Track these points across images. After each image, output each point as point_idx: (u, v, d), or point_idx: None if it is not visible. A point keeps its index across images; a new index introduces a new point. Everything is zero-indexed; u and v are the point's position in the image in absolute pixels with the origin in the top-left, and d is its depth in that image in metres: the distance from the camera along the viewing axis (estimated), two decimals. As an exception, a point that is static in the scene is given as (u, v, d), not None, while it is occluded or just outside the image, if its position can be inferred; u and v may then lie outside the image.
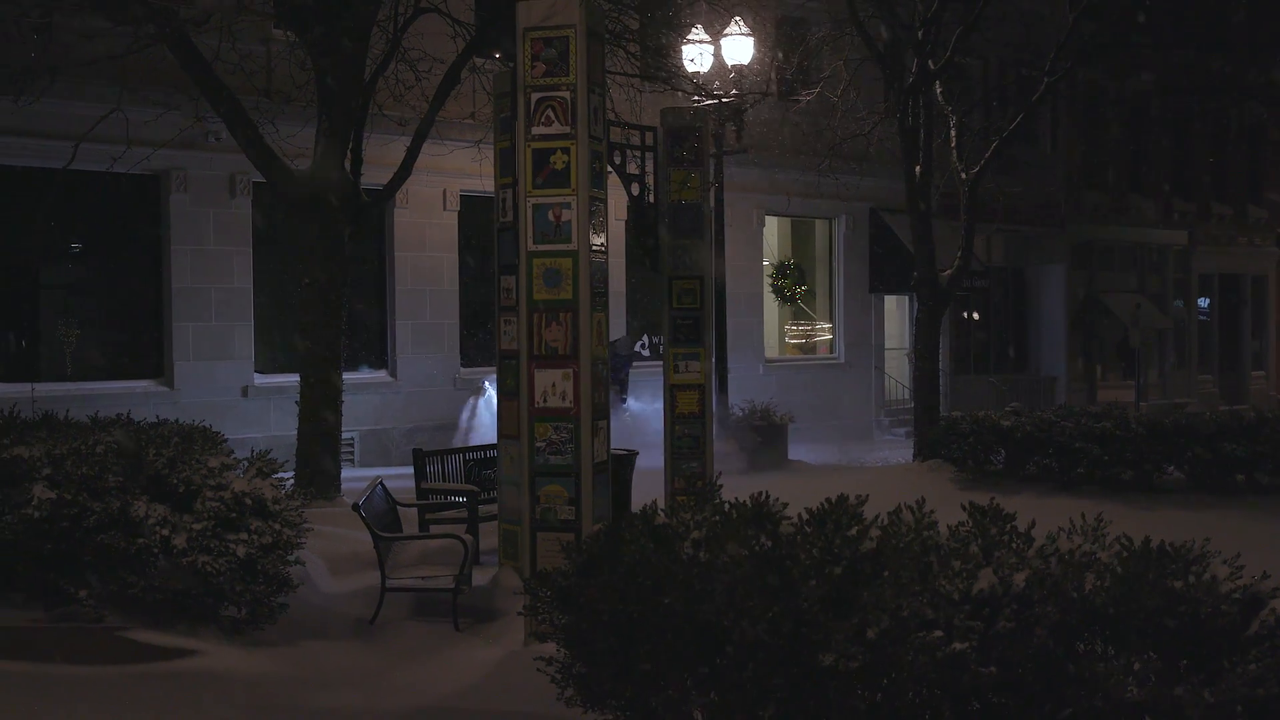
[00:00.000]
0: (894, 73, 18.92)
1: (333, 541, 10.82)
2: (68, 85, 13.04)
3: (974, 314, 29.14)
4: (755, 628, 4.94)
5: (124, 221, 16.97)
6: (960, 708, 4.53)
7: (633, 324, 21.72)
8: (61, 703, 7.35)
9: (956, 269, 18.99)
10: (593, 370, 9.05)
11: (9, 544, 8.44)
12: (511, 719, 7.07)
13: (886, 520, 5.11)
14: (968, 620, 4.55)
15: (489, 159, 11.07)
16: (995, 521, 5.01)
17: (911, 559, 4.79)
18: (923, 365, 19.09)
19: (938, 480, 15.22)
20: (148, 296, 17.21)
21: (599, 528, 6.22)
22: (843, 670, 4.69)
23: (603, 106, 9.49)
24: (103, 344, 16.98)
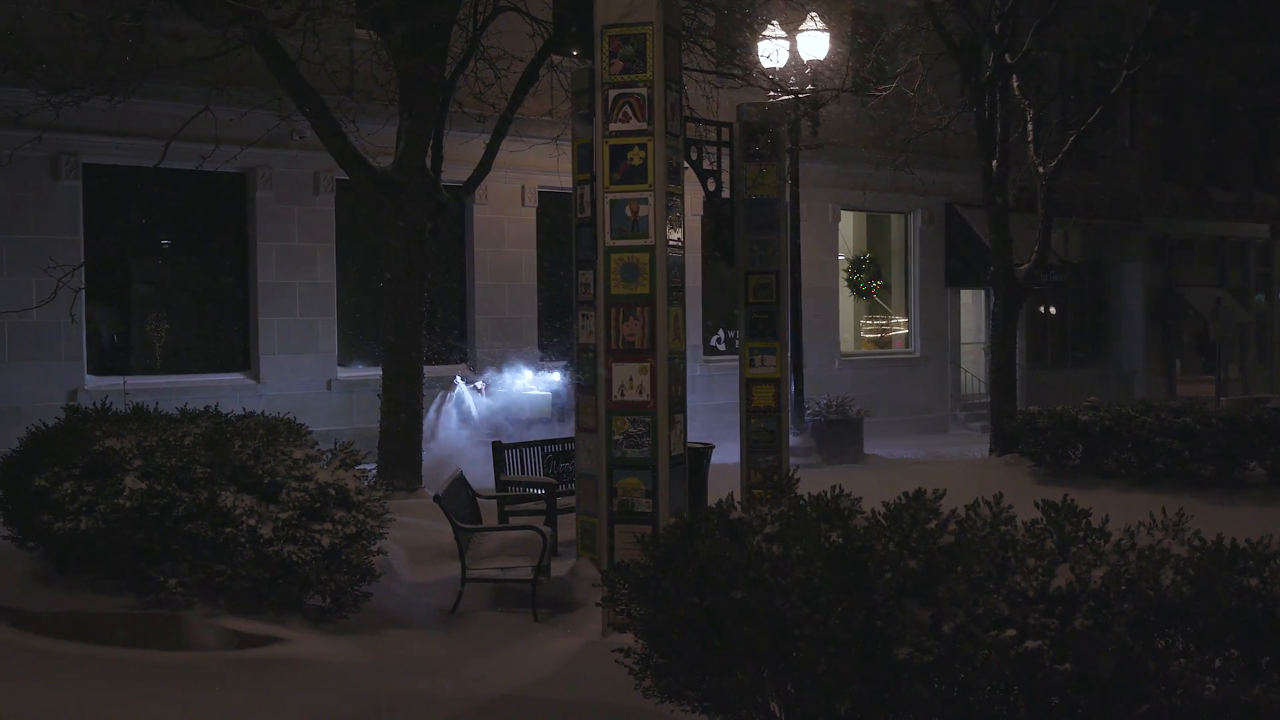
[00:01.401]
0: (970, 67, 18.81)
1: (414, 532, 11.01)
2: (159, 86, 13.35)
3: (1051, 308, 28.84)
4: (828, 621, 4.99)
5: (212, 218, 17.36)
6: (1036, 704, 4.55)
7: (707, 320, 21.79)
8: (154, 687, 7.59)
9: (1033, 263, 18.84)
10: (670, 364, 9.14)
11: (102, 533, 8.71)
12: (590, 709, 7.17)
13: (963, 515, 5.14)
14: (1043, 618, 4.57)
15: (567, 155, 11.18)
16: (1070, 518, 5.02)
17: (988, 554, 4.82)
18: (999, 360, 18.97)
19: (1014, 475, 15.13)
20: (234, 292, 17.59)
21: (675, 520, 6.29)
22: (917, 664, 4.73)
23: (679, 103, 9.56)
24: (191, 338, 17.37)
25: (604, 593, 6.45)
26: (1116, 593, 4.55)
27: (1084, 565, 4.67)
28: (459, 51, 14.93)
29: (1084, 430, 15.26)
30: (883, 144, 21.27)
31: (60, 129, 13.26)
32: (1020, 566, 4.73)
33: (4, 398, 15.25)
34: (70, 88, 12.52)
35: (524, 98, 15.05)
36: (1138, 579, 4.57)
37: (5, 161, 14.65)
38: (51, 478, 8.99)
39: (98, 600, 8.83)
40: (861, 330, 25.78)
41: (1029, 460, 15.78)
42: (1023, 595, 4.62)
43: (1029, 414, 16.47)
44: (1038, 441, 15.68)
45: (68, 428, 9.70)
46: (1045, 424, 15.66)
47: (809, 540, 5.26)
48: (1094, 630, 4.49)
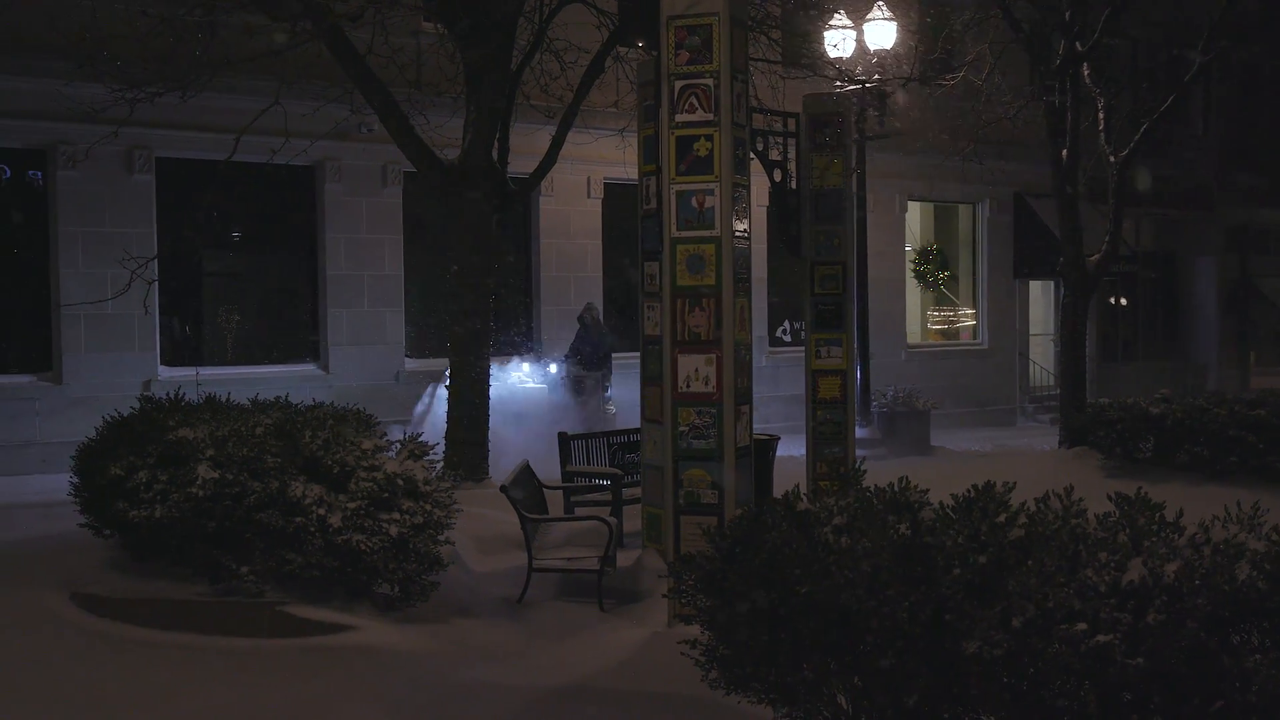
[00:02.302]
0: (1040, 55, 18.57)
1: (481, 522, 11.07)
2: (230, 81, 13.53)
3: (1122, 299, 28.46)
4: (895, 614, 4.97)
5: (281, 211, 17.58)
6: (1107, 699, 4.51)
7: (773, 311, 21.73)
8: (227, 673, 7.71)
9: (1104, 254, 18.58)
10: (735, 355, 9.13)
11: (176, 521, 8.84)
12: (656, 699, 7.19)
13: (1034, 508, 5.09)
14: (1115, 612, 4.52)
15: (632, 147, 11.19)
16: (1144, 511, 4.95)
17: (1058, 548, 4.77)
18: (1068, 351, 18.74)
19: (1084, 468, 14.96)
20: (304, 283, 17.81)
21: (741, 512, 6.29)
22: (986, 658, 4.70)
23: (745, 93, 9.54)
24: (261, 329, 17.60)
25: (670, 584, 6.47)
26: (1190, 587, 4.49)
27: (1157, 559, 4.61)
28: (525, 44, 14.99)
29: (1155, 423, 15.05)
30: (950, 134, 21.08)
31: (134, 124, 13.47)
32: (1092, 560, 4.69)
33: (80, 388, 15.55)
34: (144, 84, 12.71)
35: (589, 90, 15.08)
36: (1212, 573, 4.51)
37: (82, 157, 14.95)
38: (127, 467, 9.15)
39: (172, 587, 8.98)
40: (928, 321, 25.60)
41: (1098, 453, 15.59)
42: (1094, 589, 4.58)
43: (1099, 406, 16.26)
44: (1108, 434, 15.48)
45: (142, 418, 9.86)
46: (1116, 416, 15.46)
47: (877, 533, 5.24)
48: (1167, 625, 4.43)
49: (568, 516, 11.15)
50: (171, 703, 7.15)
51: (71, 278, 15.71)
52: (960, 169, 21.67)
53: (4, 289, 15.83)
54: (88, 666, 7.79)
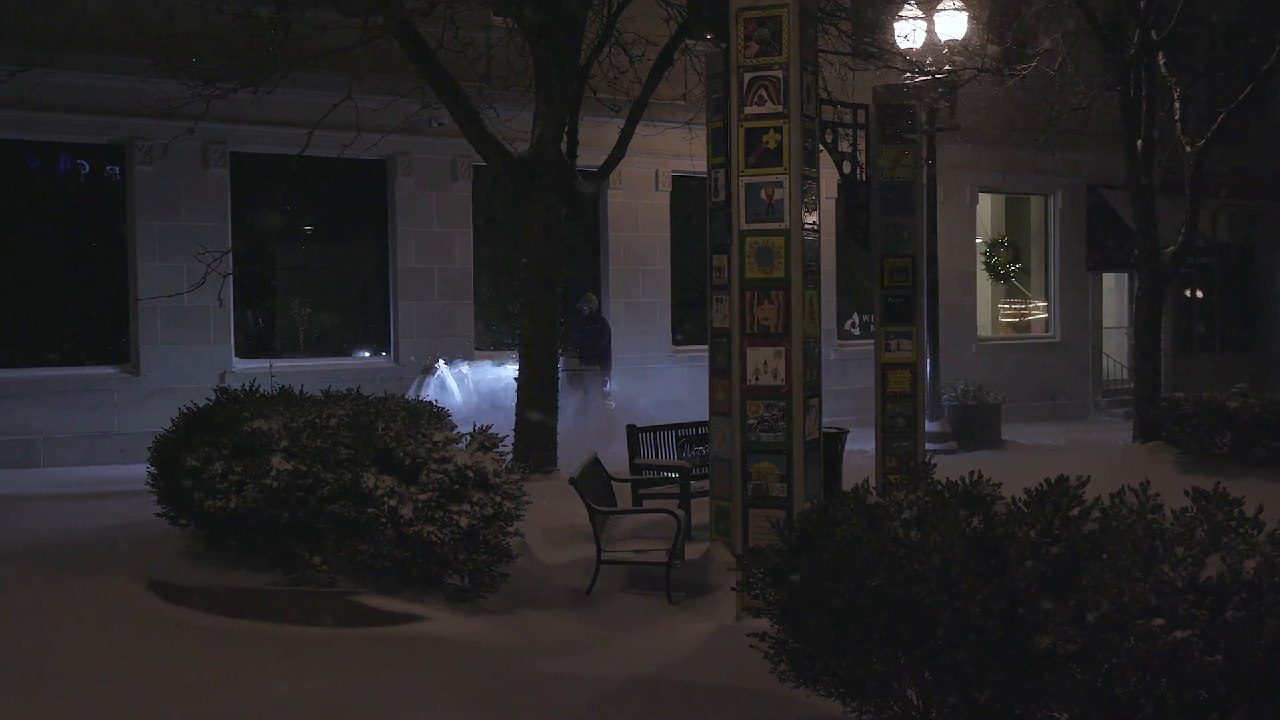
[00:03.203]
0: (1114, 44, 18.30)
1: (549, 514, 11.11)
2: (302, 76, 13.68)
3: (1198, 292, 27.98)
4: (968, 608, 4.94)
5: (353, 205, 17.75)
6: (1184, 696, 4.45)
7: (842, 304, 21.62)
8: (303, 662, 7.82)
9: (1180, 246, 18.30)
10: (805, 348, 9.10)
11: (250, 511, 8.98)
12: (725, 692, 7.19)
13: (1108, 502, 5.03)
14: (1193, 608, 4.47)
15: (701, 139, 11.18)
16: (1222, 507, 4.88)
17: (1134, 543, 4.72)
18: (1143, 345, 18.48)
19: (1159, 463, 14.76)
20: (375, 277, 17.98)
21: (810, 505, 6.27)
22: (1060, 654, 4.66)
23: (815, 85, 9.49)
24: (333, 322, 17.80)
25: (738, 577, 6.47)
26: (1271, 584, 4.43)
27: (1236, 555, 4.55)
28: (594, 37, 15.02)
29: (1232, 417, 14.81)
30: (1022, 125, 20.85)
31: (210, 120, 13.66)
32: (1168, 555, 4.63)
33: (157, 379, 15.82)
34: (219, 80, 12.89)
35: (658, 83, 15.08)
36: (1294, 569, 4.44)
37: (160, 152, 15.20)
38: (202, 457, 9.30)
39: (246, 576, 9.12)
40: (999, 314, 25.36)
41: (1173, 448, 15.37)
42: (1171, 585, 4.52)
43: (1174, 400, 16.04)
44: (1183, 429, 15.27)
45: (218, 409, 10.00)
46: (1191, 411, 15.23)
47: (948, 526, 5.21)
48: (1246, 622, 4.37)
49: (636, 509, 11.17)
50: (246, 690, 7.26)
51: (149, 271, 15.98)
52: (1032, 160, 21.47)
53: (84, 282, 16.13)
54: (165, 653, 7.92)
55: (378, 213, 17.87)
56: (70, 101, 15.16)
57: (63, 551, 10.20)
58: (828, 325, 20.58)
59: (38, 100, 13.93)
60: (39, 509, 12.38)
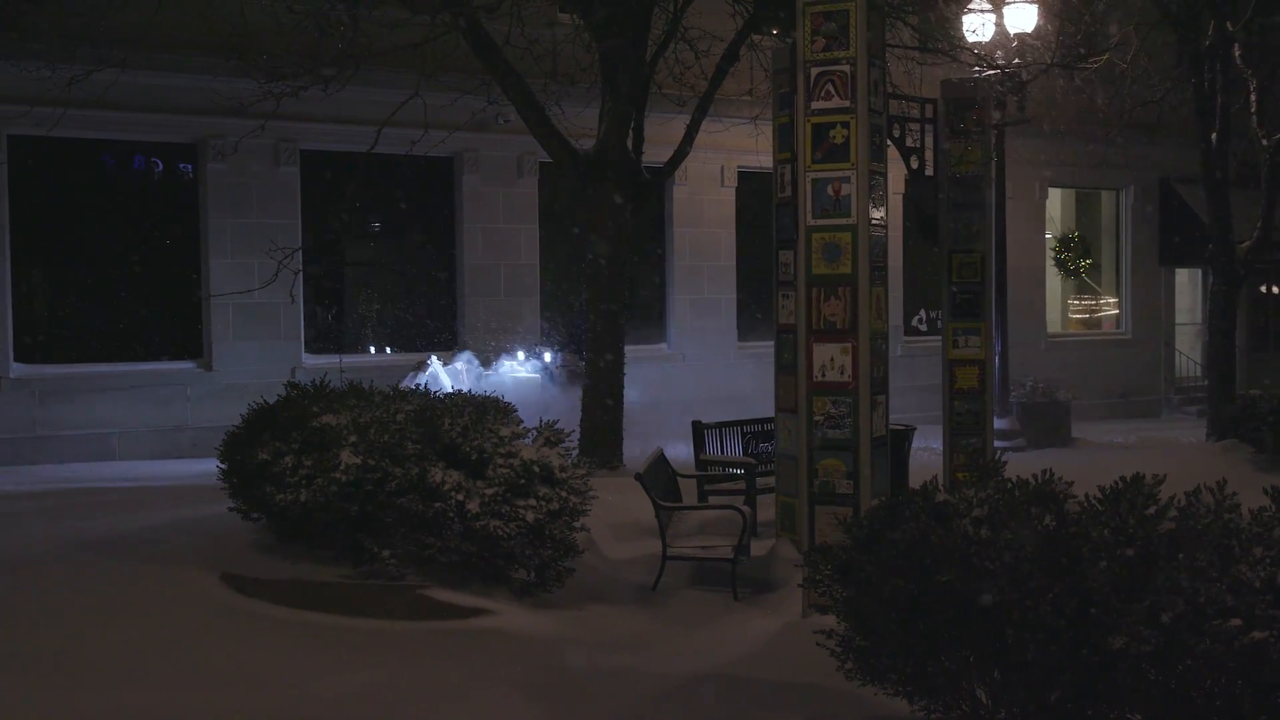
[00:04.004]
0: (1188, 36, 18.02)
1: (615, 510, 11.13)
2: (371, 74, 13.79)
3: (1274, 287, 27.49)
4: (1038, 608, 4.89)
5: (420, 202, 17.90)
6: (1263, 698, 4.38)
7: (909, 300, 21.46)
8: (369, 654, 7.88)
9: (1255, 241, 17.99)
10: (872, 345, 9.04)
11: (320, 505, 9.06)
12: (791, 689, 7.16)
13: (1184, 501, 4.96)
14: (1271, 609, 4.40)
15: (766, 135, 11.14)
16: (1301, 507, 4.80)
17: (1210, 543, 4.65)
18: (1218, 341, 18.19)
19: (1234, 462, 14.50)
20: (442, 273, 18.10)
21: (877, 502, 6.24)
22: (1133, 654, 4.60)
23: (883, 80, 9.43)
24: (401, 317, 17.93)
25: (805, 574, 6.45)
26: (1351, 585, 4.34)
27: (1315, 556, 4.47)
28: (659, 33, 15.02)
29: (1310, 416, 14.54)
30: (1094, 118, 20.58)
31: (280, 118, 13.82)
32: (1246, 556, 4.56)
33: (229, 375, 16.04)
34: (289, 78, 13.03)
35: (724, 78, 15.05)
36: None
37: (231, 150, 15.39)
38: (273, 452, 9.39)
39: (316, 569, 9.20)
40: (1069, 310, 25.08)
41: (1249, 446, 15.10)
42: (1248, 585, 4.45)
43: (1249, 398, 15.75)
44: (1259, 427, 14.99)
45: (288, 404, 10.10)
46: (1268, 409, 14.95)
47: (1019, 524, 5.16)
48: (1326, 624, 4.30)
49: (702, 505, 11.16)
50: (315, 682, 7.33)
51: (220, 268, 16.20)
52: (1103, 154, 21.19)
53: (158, 279, 16.37)
54: (237, 645, 8.02)
55: (445, 209, 18.01)
56: (144, 101, 15.42)
57: (137, 544, 10.36)
58: (894, 321, 20.42)
59: (112, 100, 14.17)
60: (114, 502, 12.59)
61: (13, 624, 8.30)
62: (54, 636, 8.09)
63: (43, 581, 9.29)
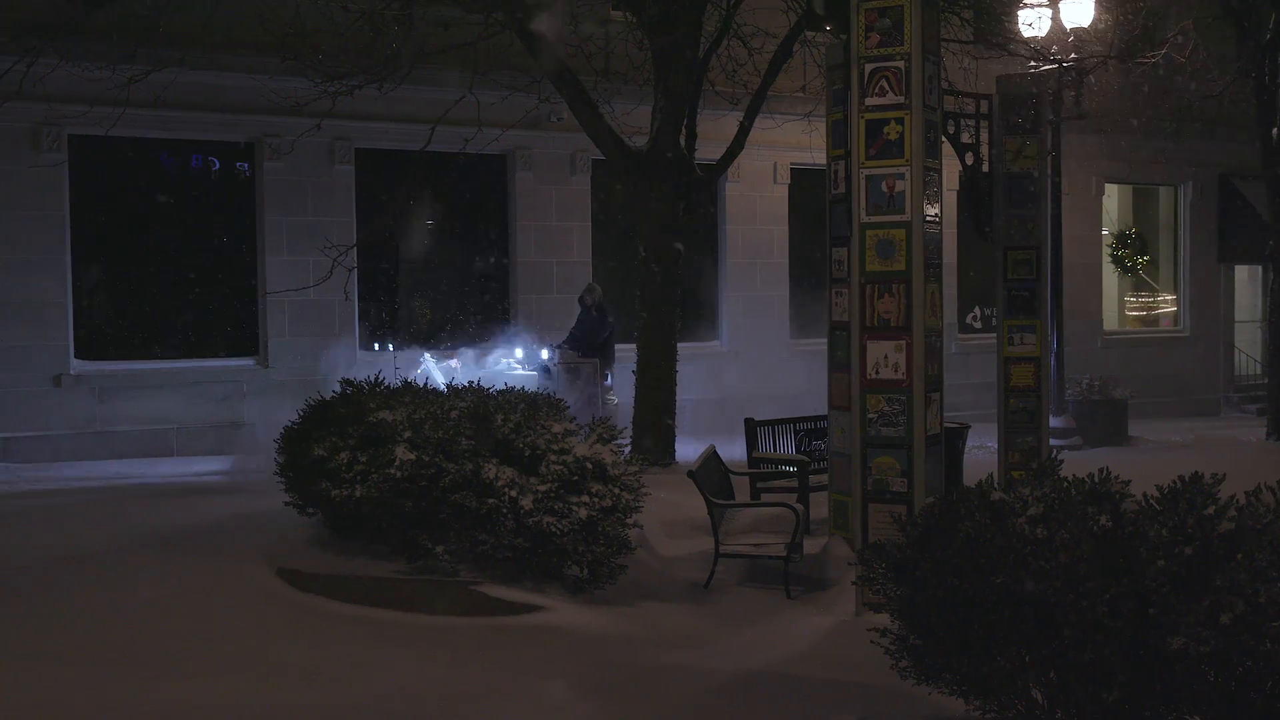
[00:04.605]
0: (1249, 29, 17.78)
1: (667, 506, 11.14)
2: (425, 73, 13.87)
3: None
4: (1095, 608, 4.85)
5: (473, 199, 17.98)
6: (1323, 700, 4.33)
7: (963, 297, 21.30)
8: (423, 649, 7.94)
9: (1318, 237, 17.75)
10: (926, 342, 9.00)
11: (375, 500, 9.13)
12: (844, 688, 7.15)
13: (1243, 501, 4.90)
14: (1333, 610, 4.35)
15: (819, 132, 11.12)
16: (1365, 506, 4.74)
17: (1270, 543, 4.59)
18: (1278, 339, 17.95)
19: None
20: (495, 270, 18.17)
21: (932, 500, 6.20)
22: (1192, 655, 4.56)
23: (937, 75, 9.37)
24: (455, 315, 18.03)
25: (859, 572, 6.42)
26: None
27: (1379, 556, 4.41)
28: (712, 30, 15.00)
29: (1373, 414, 14.32)
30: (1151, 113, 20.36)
31: (336, 116, 13.95)
32: (1308, 556, 4.50)
33: (285, 371, 16.19)
34: (344, 76, 13.13)
35: (776, 75, 15.01)
36: None
37: (287, 149, 15.54)
38: (329, 448, 9.48)
39: (371, 565, 9.28)
40: (1126, 308, 24.82)
41: (1311, 445, 14.92)
42: (1310, 586, 4.39)
43: (1311, 396, 15.55)
44: (1321, 425, 14.80)
45: (343, 400, 10.18)
46: (1329, 407, 14.76)
47: (1075, 524, 5.12)
48: (1389, 626, 4.23)
49: (754, 502, 11.14)
50: (371, 676, 7.40)
51: (276, 265, 16.36)
52: (1161, 150, 20.95)
53: (214, 276, 16.55)
54: (294, 639, 8.10)
55: (498, 207, 18.08)
56: (201, 100, 15.59)
57: (195, 538, 10.49)
58: (949, 319, 20.33)
59: (171, 99, 14.35)
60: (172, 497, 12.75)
61: (75, 618, 8.44)
62: (115, 630, 8.22)
63: (103, 575, 9.44)
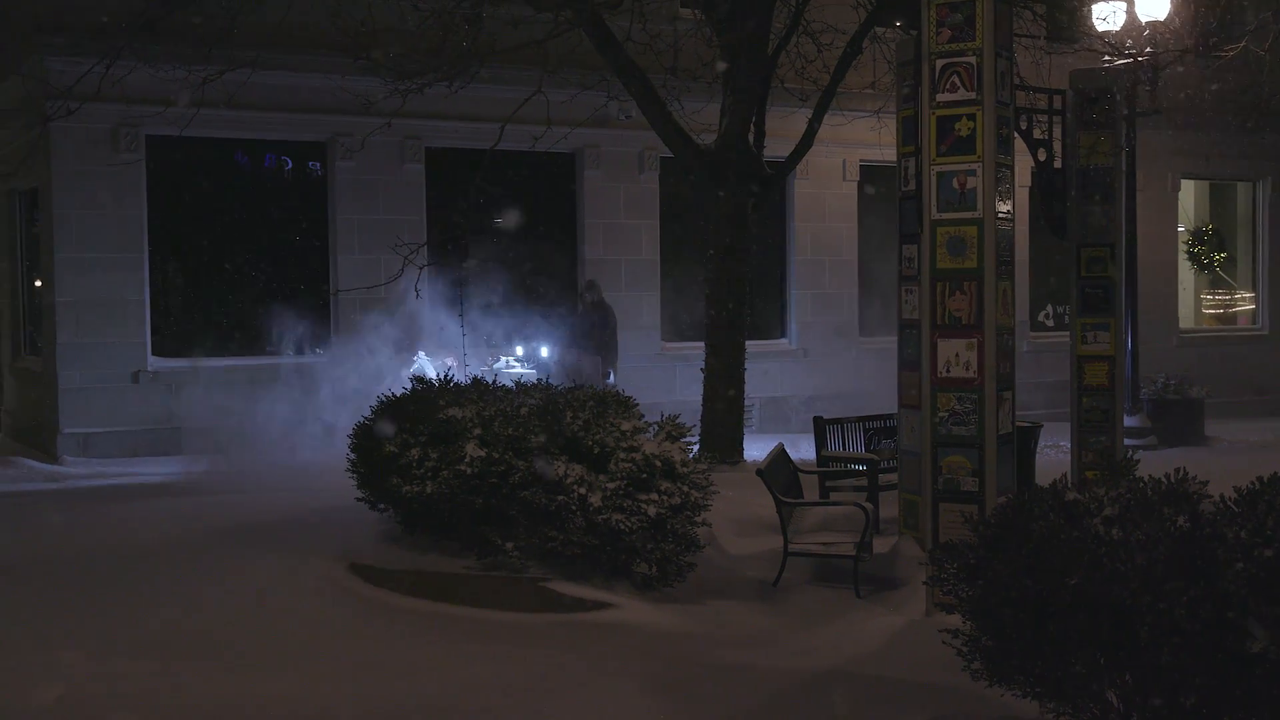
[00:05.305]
0: (1332, 20, 17.41)
1: (735, 505, 11.12)
2: (494, 72, 13.95)
3: None
4: (1172, 610, 4.78)
5: (542, 197, 18.05)
6: None
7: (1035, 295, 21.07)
8: (495, 645, 8.00)
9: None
10: (998, 340, 8.91)
11: (445, 497, 9.21)
12: (915, 689, 7.09)
13: (1326, 503, 4.81)
14: None
15: (889, 128, 11.04)
16: None
17: (1354, 546, 4.51)
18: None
19: (1379, 463, 13.99)
20: (563, 268, 18.23)
21: (1004, 500, 6.14)
22: (1273, 659, 4.48)
23: (1009, 71, 9.27)
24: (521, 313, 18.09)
25: (930, 572, 6.37)
26: None
27: None
28: (781, 27, 14.95)
29: None
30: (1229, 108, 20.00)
31: (406, 115, 14.05)
32: (1393, 560, 4.40)
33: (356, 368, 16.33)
34: (414, 75, 13.23)
35: (846, 71, 14.93)
36: None
37: (358, 148, 15.69)
38: (400, 444, 9.57)
39: (441, 561, 9.37)
40: (1202, 305, 24.42)
41: (1394, 445, 14.59)
42: (1396, 590, 4.30)
43: (1395, 396, 15.21)
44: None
45: (414, 397, 10.28)
46: None
47: (1152, 525, 5.05)
48: None
49: (823, 501, 11.09)
50: (442, 671, 7.46)
51: (348, 264, 16.52)
52: (1239, 145, 20.57)
53: (287, 274, 16.74)
54: (365, 633, 8.19)
55: (566, 205, 18.15)
56: (275, 100, 15.79)
57: (269, 533, 10.64)
58: (1021, 317, 20.10)
59: (244, 99, 14.55)
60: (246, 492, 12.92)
61: (154, 610, 8.60)
62: (192, 623, 8.37)
63: (180, 569, 9.61)
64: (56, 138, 15.06)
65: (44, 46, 14.92)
